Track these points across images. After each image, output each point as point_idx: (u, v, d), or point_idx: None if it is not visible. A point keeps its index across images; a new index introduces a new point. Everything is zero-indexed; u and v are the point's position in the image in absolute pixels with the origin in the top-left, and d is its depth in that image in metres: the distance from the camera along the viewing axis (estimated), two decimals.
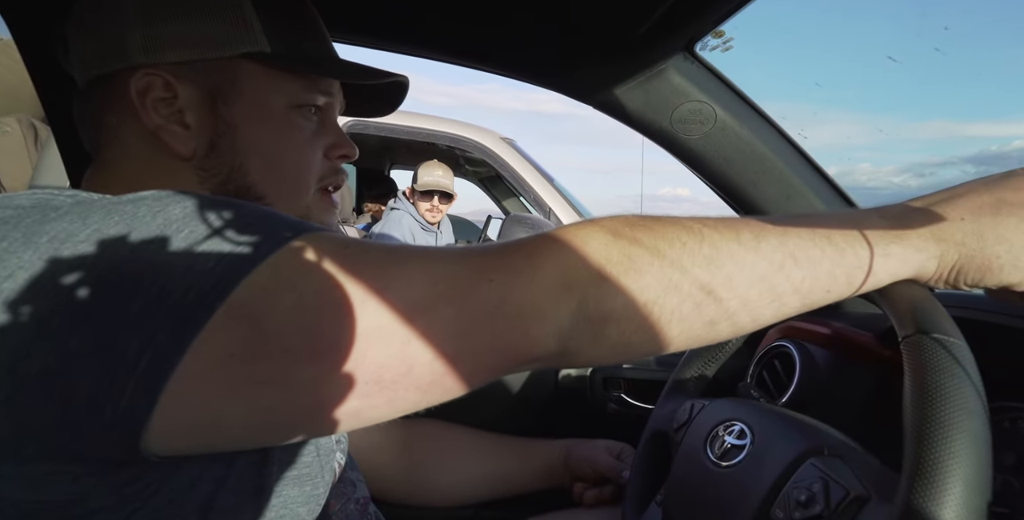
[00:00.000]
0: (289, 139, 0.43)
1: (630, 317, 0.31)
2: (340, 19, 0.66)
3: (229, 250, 0.28)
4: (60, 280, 0.26)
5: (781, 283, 0.33)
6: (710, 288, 0.31)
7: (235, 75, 0.41)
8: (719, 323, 0.33)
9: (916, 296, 0.35)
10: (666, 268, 0.31)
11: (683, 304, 0.31)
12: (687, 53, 0.68)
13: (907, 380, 0.32)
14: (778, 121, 0.73)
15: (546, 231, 0.33)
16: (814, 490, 0.39)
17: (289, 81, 0.42)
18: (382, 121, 1.90)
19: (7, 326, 0.25)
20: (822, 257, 0.33)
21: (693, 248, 0.32)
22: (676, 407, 0.64)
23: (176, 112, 0.40)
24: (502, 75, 0.78)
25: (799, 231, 0.33)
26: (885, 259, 0.34)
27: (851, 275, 0.34)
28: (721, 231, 0.33)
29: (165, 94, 0.40)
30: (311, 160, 0.45)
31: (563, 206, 1.89)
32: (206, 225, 0.29)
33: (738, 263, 0.32)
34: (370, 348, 0.28)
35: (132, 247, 0.27)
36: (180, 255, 0.27)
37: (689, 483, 0.55)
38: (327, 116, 0.46)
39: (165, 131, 0.40)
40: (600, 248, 0.31)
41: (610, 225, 0.33)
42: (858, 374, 0.63)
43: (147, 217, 0.29)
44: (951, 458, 0.29)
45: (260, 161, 0.42)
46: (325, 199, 0.47)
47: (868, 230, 0.34)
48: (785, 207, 0.75)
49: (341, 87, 0.47)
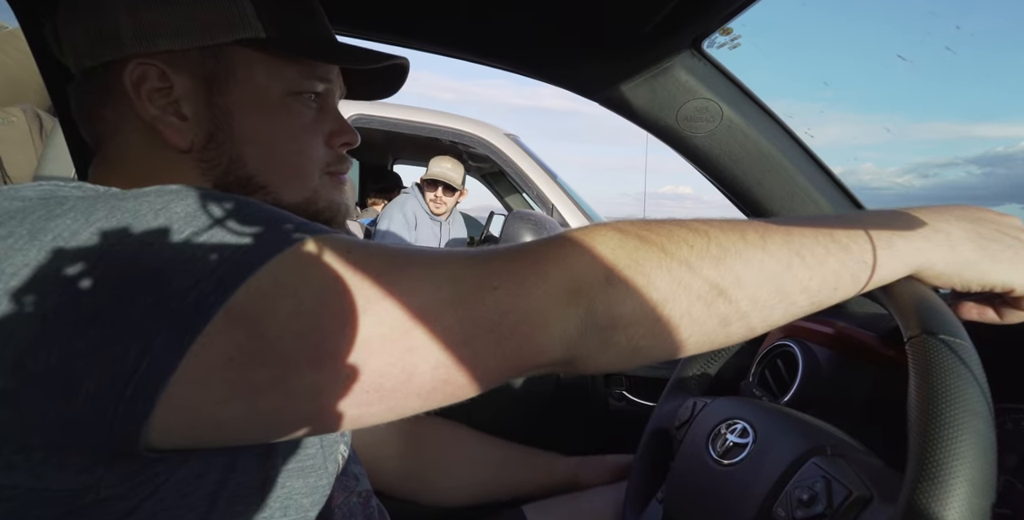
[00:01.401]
0: (287, 127, 0.42)
1: (639, 322, 0.31)
2: (345, 13, 0.66)
3: (230, 253, 0.28)
4: (63, 279, 0.26)
5: (789, 282, 0.33)
6: (720, 288, 0.31)
7: (230, 63, 0.40)
8: (731, 324, 0.32)
9: (922, 296, 0.35)
10: (675, 270, 0.31)
11: (693, 306, 0.31)
12: (694, 50, 0.67)
13: (912, 380, 0.32)
14: (785, 120, 0.73)
15: (553, 235, 0.33)
16: (816, 489, 0.39)
17: (286, 67, 0.41)
18: (386, 115, 1.90)
19: (13, 322, 0.25)
20: (827, 255, 0.33)
21: (701, 249, 0.32)
22: (678, 405, 0.64)
23: (172, 103, 0.40)
24: (509, 70, 0.78)
25: (803, 230, 0.34)
26: (889, 255, 0.34)
27: (856, 272, 0.34)
28: (727, 232, 0.33)
29: (160, 84, 0.39)
30: (311, 148, 0.43)
31: (566, 203, 1.89)
32: (208, 225, 0.28)
33: (747, 262, 0.32)
34: (371, 356, 0.28)
35: (134, 247, 0.27)
36: (181, 256, 0.27)
37: (691, 481, 0.56)
38: (327, 103, 0.45)
39: (162, 123, 0.39)
40: (608, 252, 0.31)
41: (617, 228, 0.32)
42: (861, 374, 0.63)
43: (149, 215, 0.28)
44: (955, 459, 0.29)
45: (259, 151, 0.41)
46: (333, 180, 0.46)
47: (871, 228, 0.35)
48: (790, 205, 0.74)
49: (340, 72, 0.46)
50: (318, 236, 0.30)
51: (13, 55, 1.95)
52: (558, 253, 0.31)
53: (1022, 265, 0.36)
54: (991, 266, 0.36)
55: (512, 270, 0.30)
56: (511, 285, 0.30)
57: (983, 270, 0.36)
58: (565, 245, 0.32)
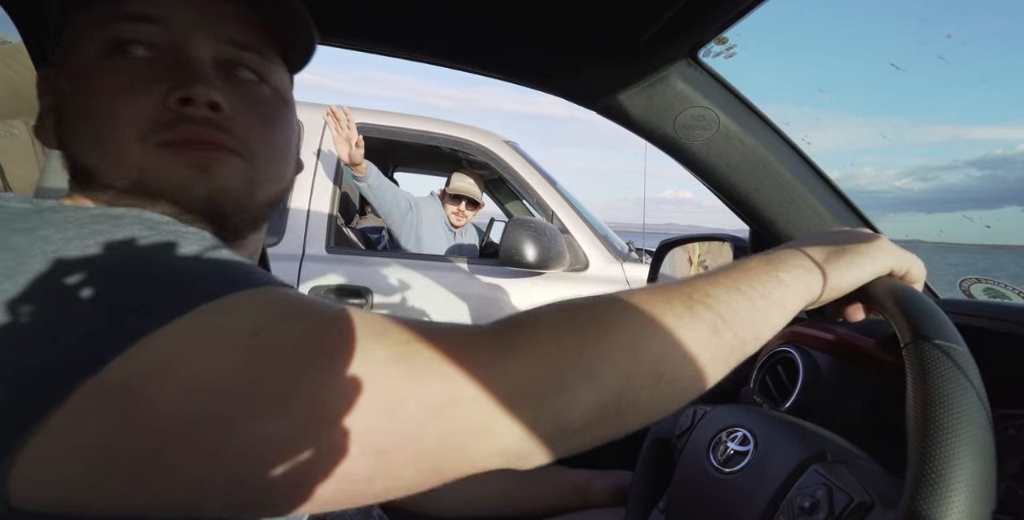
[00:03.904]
0: (98, 92, 0.34)
1: (592, 427, 0.28)
2: (344, 24, 0.66)
3: (106, 318, 0.23)
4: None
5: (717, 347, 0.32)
6: (660, 373, 0.30)
7: (62, 37, 0.36)
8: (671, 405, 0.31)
9: (917, 302, 0.35)
10: (628, 358, 0.29)
11: (639, 396, 0.29)
12: (690, 59, 0.68)
13: (909, 387, 0.32)
14: (781, 127, 0.74)
15: (501, 332, 0.29)
16: (818, 496, 0.39)
17: (86, 21, 0.35)
18: (386, 124, 1.91)
19: None
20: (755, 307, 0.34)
21: (646, 332, 0.30)
22: (678, 413, 0.64)
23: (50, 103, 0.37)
24: (506, 80, 0.78)
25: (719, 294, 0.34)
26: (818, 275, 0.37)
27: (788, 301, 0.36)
28: (657, 305, 0.31)
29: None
30: (124, 110, 0.34)
31: (565, 209, 1.89)
32: (91, 279, 0.24)
33: (679, 338, 0.31)
34: (260, 463, 0.24)
35: (12, 293, 0.23)
36: (52, 314, 0.23)
37: (692, 489, 0.55)
38: (165, 54, 0.35)
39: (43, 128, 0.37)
40: (554, 350, 0.28)
41: (563, 320, 0.30)
42: (861, 380, 0.63)
43: (35, 250, 0.24)
44: (954, 466, 0.29)
45: (78, 126, 0.35)
46: (169, 153, 0.34)
47: (785, 259, 0.38)
48: (788, 211, 0.75)
49: (211, 16, 0.36)
50: (242, 293, 0.26)
51: (16, 69, 1.96)
52: (509, 356, 0.27)
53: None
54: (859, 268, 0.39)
55: (454, 373, 0.26)
56: (453, 385, 0.26)
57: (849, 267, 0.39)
58: (519, 345, 0.28)
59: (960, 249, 4.59)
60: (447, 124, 1.96)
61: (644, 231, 2.37)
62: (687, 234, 1.06)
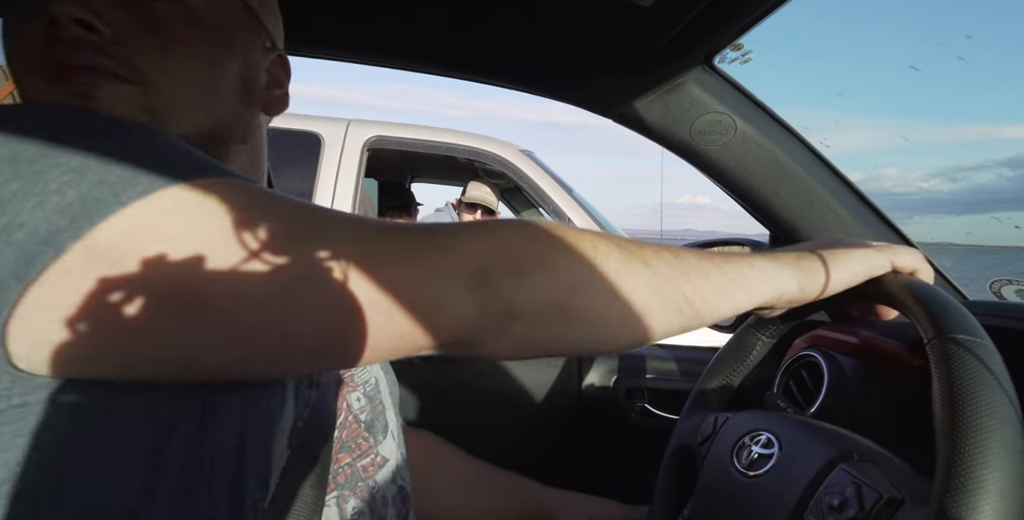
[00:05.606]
0: (8, 37, 0.34)
1: (541, 314, 0.31)
2: (359, 40, 0.69)
3: (89, 188, 0.25)
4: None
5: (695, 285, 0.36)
6: (616, 286, 0.32)
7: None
8: (629, 323, 0.34)
9: (936, 298, 0.35)
10: (582, 265, 0.32)
11: (595, 301, 0.32)
12: (706, 65, 0.69)
13: (935, 386, 0.32)
14: (800, 130, 0.74)
15: (474, 222, 0.33)
16: (847, 494, 0.39)
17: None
18: (403, 136, 1.94)
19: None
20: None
21: (604, 250, 0.33)
22: (700, 420, 0.64)
23: None
24: (522, 91, 0.80)
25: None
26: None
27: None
28: (629, 248, 0.34)
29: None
30: (21, 52, 0.34)
31: (582, 216, 1.90)
32: (74, 153, 0.26)
33: (647, 269, 0.34)
34: (248, 314, 0.27)
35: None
36: (37, 186, 0.25)
37: (717, 495, 0.55)
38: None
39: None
40: (520, 244, 0.31)
41: (533, 223, 0.33)
42: (888, 384, 0.62)
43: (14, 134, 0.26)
44: (984, 467, 0.29)
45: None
46: (51, 84, 0.33)
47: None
48: (808, 214, 0.74)
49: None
50: (217, 179, 0.28)
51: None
52: (469, 238, 0.31)
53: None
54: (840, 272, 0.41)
55: (417, 247, 0.30)
56: (412, 266, 0.29)
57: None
58: (479, 232, 0.32)
59: (990, 251, 4.47)
60: (464, 135, 1.98)
61: (662, 237, 2.37)
62: (706, 239, 1.06)
